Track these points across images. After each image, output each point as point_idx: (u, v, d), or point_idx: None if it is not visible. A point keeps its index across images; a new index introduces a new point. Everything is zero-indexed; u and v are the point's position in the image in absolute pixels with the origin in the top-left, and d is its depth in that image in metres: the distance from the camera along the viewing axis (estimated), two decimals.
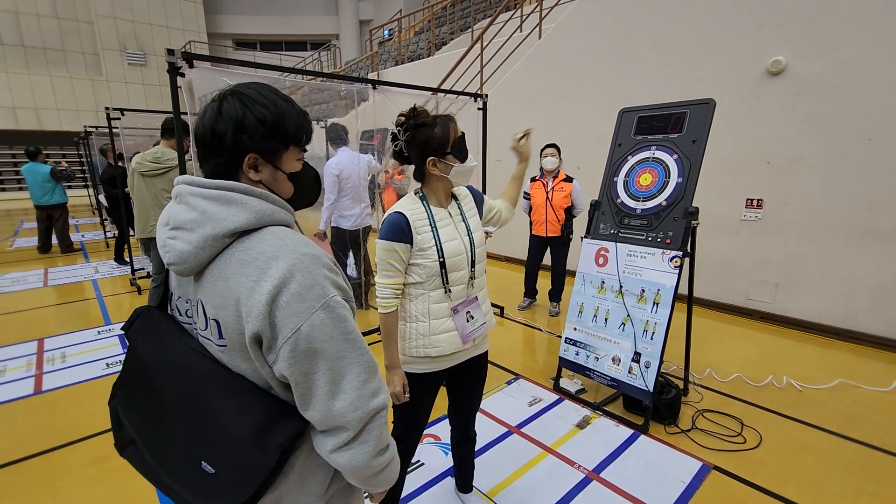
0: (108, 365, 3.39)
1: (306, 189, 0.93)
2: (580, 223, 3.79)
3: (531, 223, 4.18)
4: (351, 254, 4.26)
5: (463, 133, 1.46)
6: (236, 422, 0.75)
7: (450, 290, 1.49)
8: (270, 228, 0.79)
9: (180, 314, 0.88)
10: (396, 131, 1.43)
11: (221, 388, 0.77)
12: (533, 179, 4.14)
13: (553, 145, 4.03)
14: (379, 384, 0.83)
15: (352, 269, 4.33)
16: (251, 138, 0.80)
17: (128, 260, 5.72)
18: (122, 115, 5.49)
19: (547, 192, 4.00)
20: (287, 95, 0.86)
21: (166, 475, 0.81)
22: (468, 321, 1.54)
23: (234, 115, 0.79)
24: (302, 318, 0.73)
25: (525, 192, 4.16)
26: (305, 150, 0.91)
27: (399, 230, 1.42)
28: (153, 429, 0.84)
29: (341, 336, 0.77)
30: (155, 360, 0.83)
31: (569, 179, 4.03)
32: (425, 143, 1.41)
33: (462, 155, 1.44)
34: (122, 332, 0.91)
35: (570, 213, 4.06)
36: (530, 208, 4.15)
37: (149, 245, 3.82)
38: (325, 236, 4.05)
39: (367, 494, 0.98)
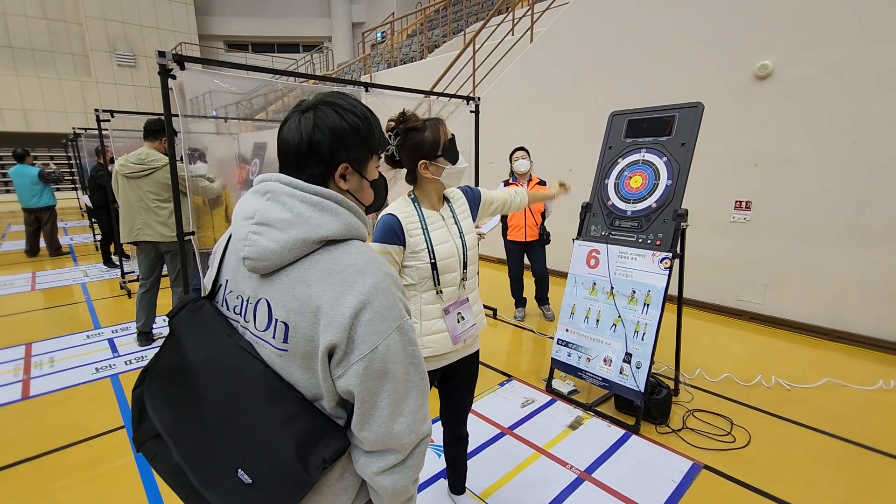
0: (97, 369, 3.35)
1: (378, 195, 0.95)
2: (560, 226, 3.87)
3: (506, 228, 4.10)
4: None
5: (453, 135, 1.48)
6: (281, 432, 0.73)
7: (441, 292, 1.51)
8: (355, 242, 0.80)
9: (228, 308, 0.85)
10: (387, 136, 1.44)
11: (269, 394, 0.75)
12: (506, 183, 4.06)
13: (523, 148, 3.95)
14: (428, 410, 0.83)
15: None
16: (346, 147, 0.81)
17: (117, 263, 5.67)
18: (112, 116, 5.44)
19: None
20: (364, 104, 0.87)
21: (197, 479, 0.77)
22: (459, 322, 1.55)
23: (331, 124, 0.79)
24: (380, 337, 0.74)
25: None
26: (381, 158, 0.92)
27: (392, 232, 1.43)
28: (188, 427, 0.79)
29: (409, 359, 0.78)
30: (201, 356, 0.80)
31: (542, 183, 3.99)
32: (416, 147, 1.43)
33: (453, 157, 1.46)
34: (167, 319, 0.87)
35: (543, 216, 4.03)
36: (505, 214, 4.07)
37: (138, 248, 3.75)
38: None
39: None
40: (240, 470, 0.73)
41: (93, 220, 8.95)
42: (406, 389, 0.78)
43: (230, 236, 0.90)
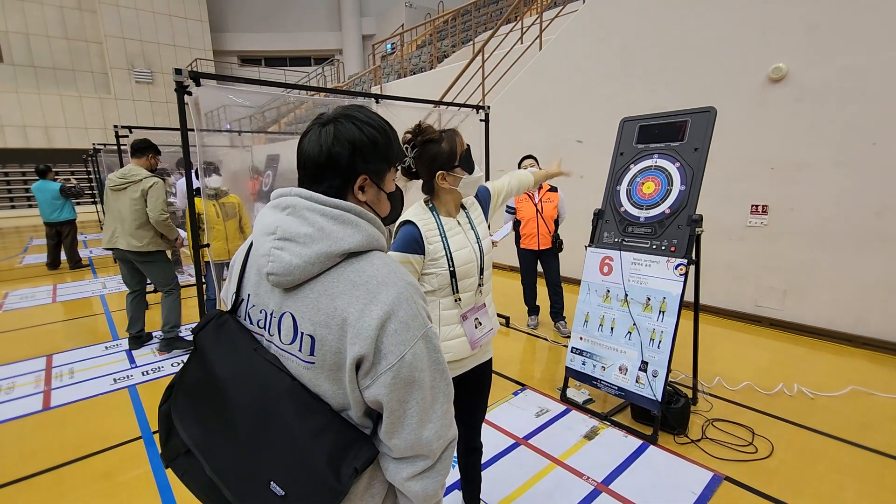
0: (115, 380, 3.40)
1: (395, 207, 0.96)
2: (573, 233, 3.85)
3: (519, 237, 4.07)
4: None
5: (468, 145, 1.50)
6: (313, 444, 0.74)
7: (459, 299, 1.52)
8: (377, 253, 0.81)
9: (251, 322, 0.86)
10: (404, 149, 1.46)
11: (299, 407, 0.76)
12: None
13: (531, 156, 3.93)
14: (453, 413, 0.85)
15: None
16: (365, 160, 0.83)
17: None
18: (130, 132, 5.58)
19: (536, 205, 3.92)
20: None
21: (231, 493, 0.77)
22: (476, 327, 1.57)
23: (350, 137, 0.81)
24: (407, 346, 0.75)
25: (510, 207, 4.08)
26: (398, 170, 0.94)
27: (414, 242, 1.44)
28: (220, 442, 0.80)
29: (435, 366, 0.80)
30: (229, 373, 0.80)
31: (553, 190, 3.97)
32: (433, 159, 1.44)
33: (469, 167, 1.49)
34: (192, 335, 0.88)
35: (556, 223, 4.00)
36: (518, 222, 4.03)
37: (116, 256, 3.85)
38: None
39: None
40: (272, 483, 0.73)
41: None
42: (433, 396, 0.79)
43: (248, 250, 0.91)
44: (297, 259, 0.76)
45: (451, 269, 1.47)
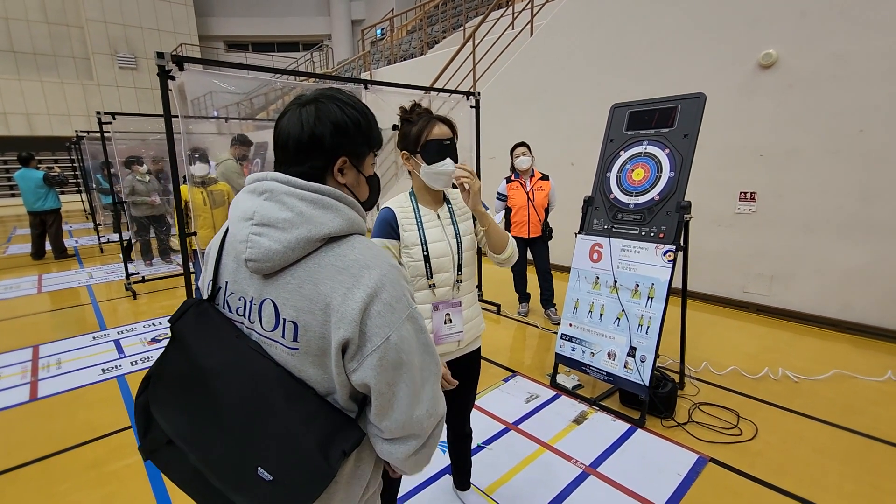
0: (103, 370, 3.37)
1: (373, 192, 0.95)
2: (562, 221, 3.85)
3: (509, 224, 4.06)
4: None
5: (443, 140, 1.42)
6: (303, 430, 0.74)
7: (434, 285, 1.49)
8: (357, 237, 0.80)
9: (230, 310, 0.84)
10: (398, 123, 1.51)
11: (287, 394, 0.75)
12: (508, 180, 4.02)
13: (524, 144, 3.91)
14: (441, 390, 0.86)
15: None
16: (347, 141, 0.82)
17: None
18: (114, 119, 5.46)
19: (527, 193, 3.91)
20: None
21: (218, 480, 0.77)
22: (445, 323, 1.53)
23: (333, 117, 0.80)
24: (392, 328, 0.74)
25: (501, 194, 4.07)
26: (376, 155, 0.93)
27: (388, 227, 1.45)
28: (207, 431, 0.78)
29: (423, 347, 0.80)
30: (215, 362, 0.79)
31: (545, 178, 3.96)
32: (402, 137, 1.47)
33: (429, 157, 1.42)
34: (169, 324, 0.86)
35: (546, 211, 4.00)
36: (509, 210, 4.04)
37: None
38: None
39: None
40: (259, 468, 0.73)
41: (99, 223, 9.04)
42: (423, 377, 0.79)
43: (223, 237, 0.89)
44: (277, 244, 0.74)
45: (426, 253, 1.46)
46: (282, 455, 0.73)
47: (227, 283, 0.85)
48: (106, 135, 5.51)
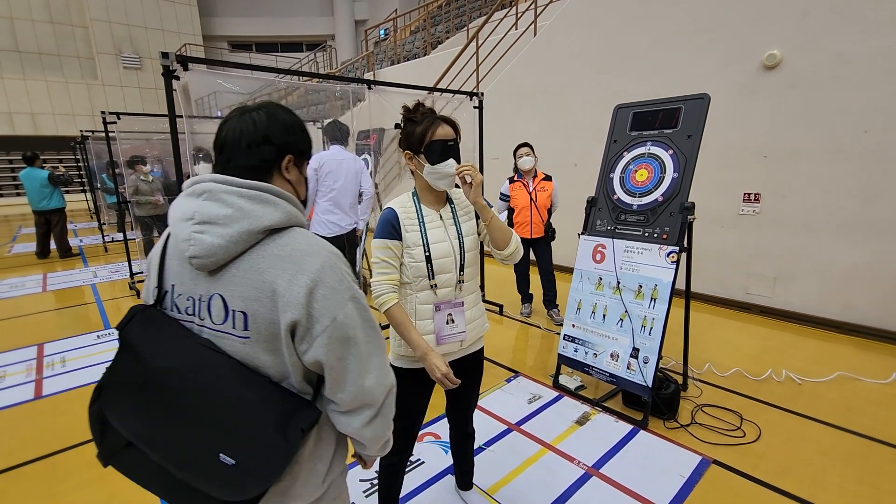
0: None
1: (304, 199, 1.03)
2: (565, 221, 3.84)
3: (512, 225, 4.04)
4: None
5: (447, 140, 1.42)
6: (258, 414, 0.78)
7: (436, 285, 1.49)
8: (297, 229, 0.86)
9: (179, 311, 0.87)
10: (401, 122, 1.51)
11: (241, 383, 0.80)
12: (511, 180, 4.02)
13: (527, 144, 3.91)
14: (388, 361, 0.92)
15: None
16: (295, 140, 0.92)
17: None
18: (119, 118, 5.49)
19: (530, 193, 3.91)
20: None
21: (182, 472, 0.80)
22: (447, 323, 1.52)
23: (283, 119, 0.91)
24: (337, 308, 0.81)
25: (504, 194, 4.07)
26: (308, 163, 1.01)
27: (390, 226, 1.45)
28: (164, 429, 0.81)
29: (366, 323, 0.86)
30: (166, 363, 0.82)
31: (548, 178, 3.96)
32: (405, 137, 1.48)
33: (432, 157, 1.42)
34: (117, 331, 0.88)
35: (549, 212, 3.99)
36: (512, 210, 4.04)
37: None
38: None
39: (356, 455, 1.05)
40: (221, 454, 0.77)
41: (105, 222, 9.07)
42: (369, 350, 0.86)
43: (165, 243, 0.92)
44: (219, 239, 0.78)
45: (427, 254, 1.46)
46: (242, 439, 0.77)
47: (173, 285, 0.88)
48: (111, 134, 5.53)
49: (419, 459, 2.26)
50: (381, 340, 0.90)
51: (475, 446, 1.97)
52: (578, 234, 2.95)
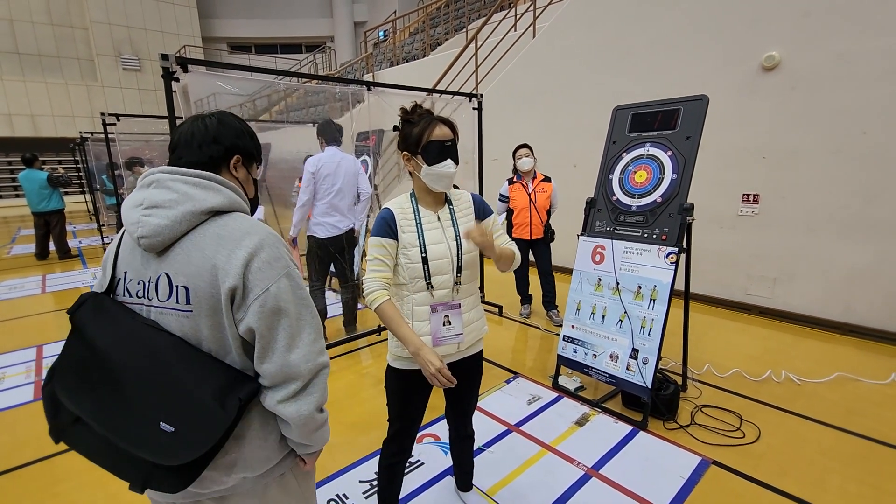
0: None
1: (257, 193, 1.13)
2: (564, 222, 3.84)
3: (511, 226, 4.05)
4: (334, 268, 3.78)
5: (444, 141, 1.42)
6: (198, 385, 0.84)
7: (432, 286, 1.48)
8: (239, 213, 0.94)
9: (130, 295, 0.93)
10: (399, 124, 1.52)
11: (182, 357, 0.86)
12: (510, 181, 4.03)
13: (526, 146, 3.91)
14: (324, 345, 0.96)
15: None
16: (243, 143, 1.03)
17: None
18: (118, 120, 5.49)
19: (529, 195, 3.91)
20: None
21: (124, 441, 0.84)
22: (444, 325, 1.52)
23: (233, 125, 1.02)
24: (271, 280, 0.87)
25: (503, 196, 4.07)
26: (259, 167, 1.12)
27: (386, 225, 1.46)
28: (110, 404, 0.86)
29: (299, 300, 0.92)
30: (111, 341, 0.87)
31: (547, 179, 3.96)
32: (403, 138, 1.48)
33: (430, 158, 1.42)
34: (68, 316, 0.94)
35: (548, 213, 4.00)
36: (511, 211, 4.04)
37: None
38: (295, 244, 3.65)
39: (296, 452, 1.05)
40: (161, 423, 0.81)
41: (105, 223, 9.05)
42: (299, 326, 0.91)
43: (119, 241, 0.98)
44: (165, 220, 0.86)
45: (424, 255, 1.45)
46: (181, 408, 0.82)
47: (125, 272, 0.95)
48: (110, 136, 5.54)
49: (419, 461, 2.26)
50: (315, 321, 0.94)
51: (475, 447, 1.97)
52: (578, 236, 2.96)
